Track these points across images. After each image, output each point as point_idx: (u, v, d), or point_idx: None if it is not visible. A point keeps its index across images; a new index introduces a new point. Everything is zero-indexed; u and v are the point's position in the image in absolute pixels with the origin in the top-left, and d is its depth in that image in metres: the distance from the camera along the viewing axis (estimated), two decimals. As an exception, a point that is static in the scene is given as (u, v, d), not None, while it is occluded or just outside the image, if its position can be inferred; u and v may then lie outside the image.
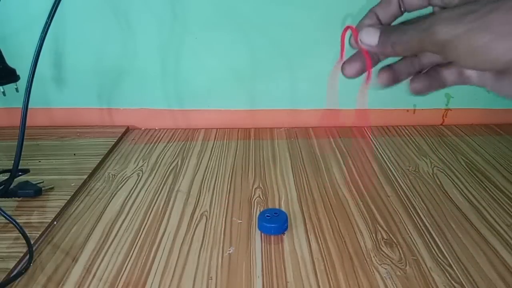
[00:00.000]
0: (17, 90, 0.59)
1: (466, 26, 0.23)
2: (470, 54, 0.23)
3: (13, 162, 0.52)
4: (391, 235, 0.50)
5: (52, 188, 0.59)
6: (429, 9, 0.31)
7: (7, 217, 0.48)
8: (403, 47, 0.26)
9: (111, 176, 0.64)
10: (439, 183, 0.61)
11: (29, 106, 0.51)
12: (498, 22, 0.22)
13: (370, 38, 0.27)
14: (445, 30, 0.23)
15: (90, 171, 0.64)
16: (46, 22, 0.49)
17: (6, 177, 0.54)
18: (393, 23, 0.31)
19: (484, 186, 0.60)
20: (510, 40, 0.22)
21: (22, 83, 0.53)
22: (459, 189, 0.59)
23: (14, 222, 0.48)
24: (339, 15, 0.74)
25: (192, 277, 0.43)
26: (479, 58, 0.23)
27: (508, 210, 0.54)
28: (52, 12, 0.49)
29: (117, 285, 0.42)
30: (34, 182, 0.58)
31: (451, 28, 0.23)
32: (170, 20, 0.74)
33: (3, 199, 0.55)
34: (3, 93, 0.58)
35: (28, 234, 0.47)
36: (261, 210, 0.54)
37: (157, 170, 0.66)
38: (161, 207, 0.56)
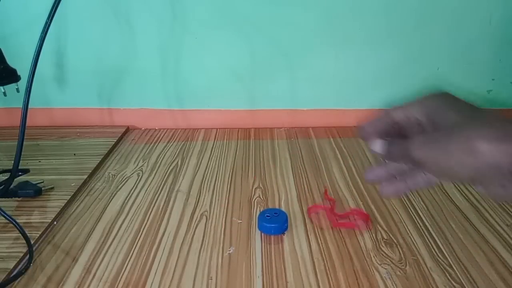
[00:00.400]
0: (17, 90, 0.59)
1: (433, 152, 0.29)
2: (439, 172, 0.29)
3: (13, 162, 0.52)
4: (391, 235, 0.50)
5: (52, 188, 0.59)
6: None
7: (7, 217, 0.48)
8: (395, 158, 0.33)
9: (111, 176, 0.64)
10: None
11: (29, 106, 0.51)
12: (456, 150, 0.27)
13: (377, 148, 0.34)
14: (417, 152, 0.29)
15: (90, 171, 0.64)
16: (46, 22, 0.49)
17: (6, 177, 0.54)
18: None
19: (484, 186, 0.60)
20: (467, 164, 0.27)
21: (22, 83, 0.53)
22: (459, 189, 0.59)
23: (14, 222, 0.48)
24: (339, 15, 0.74)
25: (192, 277, 0.43)
26: (447, 175, 0.30)
27: (508, 210, 0.54)
28: (52, 12, 0.49)
29: (117, 285, 0.42)
30: (34, 182, 0.58)
31: (422, 151, 0.29)
32: (170, 20, 0.74)
33: (3, 199, 0.55)
34: (4, 93, 0.58)
35: (28, 234, 0.47)
36: (261, 210, 0.54)
37: (157, 170, 0.66)
38: (161, 207, 0.56)
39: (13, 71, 0.58)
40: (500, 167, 0.26)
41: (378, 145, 0.33)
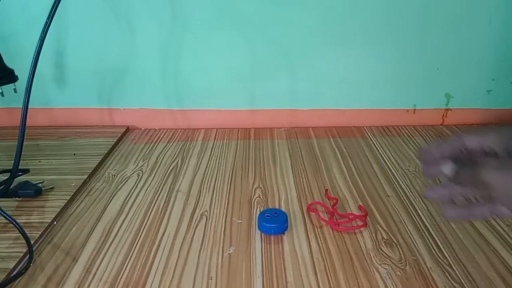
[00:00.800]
0: (15, 90, 0.59)
1: (505, 178, 0.29)
2: (508, 200, 0.29)
3: (13, 162, 0.52)
4: (391, 235, 0.50)
5: (52, 188, 0.59)
6: None
7: (7, 217, 0.48)
8: (465, 182, 0.33)
9: (111, 176, 0.64)
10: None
11: (29, 106, 0.51)
12: None
13: (448, 171, 0.34)
14: (489, 176, 0.29)
15: (90, 171, 0.64)
16: (46, 22, 0.49)
17: (6, 177, 0.54)
18: None
19: (484, 186, 0.60)
20: None
21: (22, 83, 0.53)
22: (459, 189, 0.59)
23: (14, 222, 0.48)
24: (339, 15, 0.74)
25: (192, 277, 0.43)
26: None
27: (508, 210, 0.54)
28: (52, 12, 0.49)
29: (117, 285, 0.42)
30: (34, 182, 0.58)
31: (494, 176, 0.29)
32: (170, 20, 0.74)
33: (3, 199, 0.55)
34: (1, 93, 0.58)
35: (28, 234, 0.47)
36: (261, 210, 0.54)
37: (157, 170, 0.66)
38: (161, 207, 0.56)
39: (11, 72, 0.58)
40: None
41: (448, 167, 0.33)
